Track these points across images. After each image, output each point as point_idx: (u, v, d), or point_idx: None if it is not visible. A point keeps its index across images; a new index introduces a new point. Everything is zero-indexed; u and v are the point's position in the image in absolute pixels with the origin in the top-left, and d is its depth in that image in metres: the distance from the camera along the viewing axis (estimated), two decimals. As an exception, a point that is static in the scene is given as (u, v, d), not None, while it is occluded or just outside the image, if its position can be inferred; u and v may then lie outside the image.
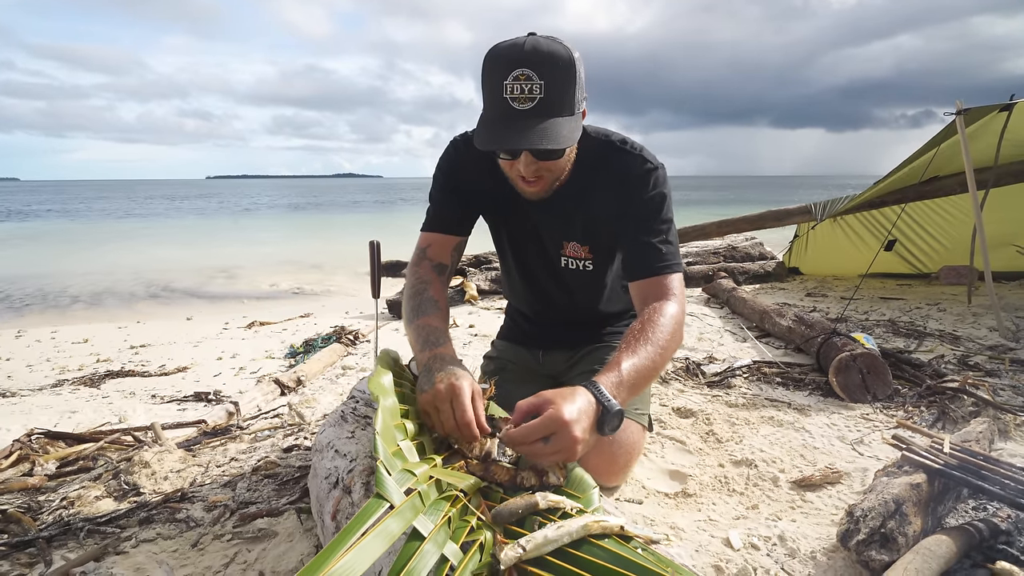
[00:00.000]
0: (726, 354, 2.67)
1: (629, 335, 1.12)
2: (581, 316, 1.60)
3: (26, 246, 12.19)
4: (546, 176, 1.20)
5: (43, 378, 2.81)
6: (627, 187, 1.28)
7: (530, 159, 1.14)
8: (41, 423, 2.03)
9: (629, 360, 1.04)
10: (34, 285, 6.73)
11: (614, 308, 1.62)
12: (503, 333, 1.81)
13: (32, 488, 1.40)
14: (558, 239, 1.44)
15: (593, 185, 1.32)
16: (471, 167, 1.35)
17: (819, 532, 1.24)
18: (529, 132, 1.06)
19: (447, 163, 1.39)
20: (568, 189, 1.31)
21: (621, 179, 1.28)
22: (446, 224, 1.38)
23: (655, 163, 1.28)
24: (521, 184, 1.22)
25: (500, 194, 1.35)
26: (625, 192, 1.28)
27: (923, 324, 3.12)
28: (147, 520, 1.30)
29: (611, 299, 1.58)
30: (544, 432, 0.87)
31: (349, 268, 7.92)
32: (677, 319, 1.16)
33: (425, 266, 1.34)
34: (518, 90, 1.05)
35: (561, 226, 1.41)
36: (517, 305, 1.75)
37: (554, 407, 0.88)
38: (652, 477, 1.54)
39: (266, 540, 1.25)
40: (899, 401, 1.96)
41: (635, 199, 1.27)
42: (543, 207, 1.35)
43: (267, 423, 2.00)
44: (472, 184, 1.37)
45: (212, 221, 20.45)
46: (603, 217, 1.33)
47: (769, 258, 5.49)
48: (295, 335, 3.60)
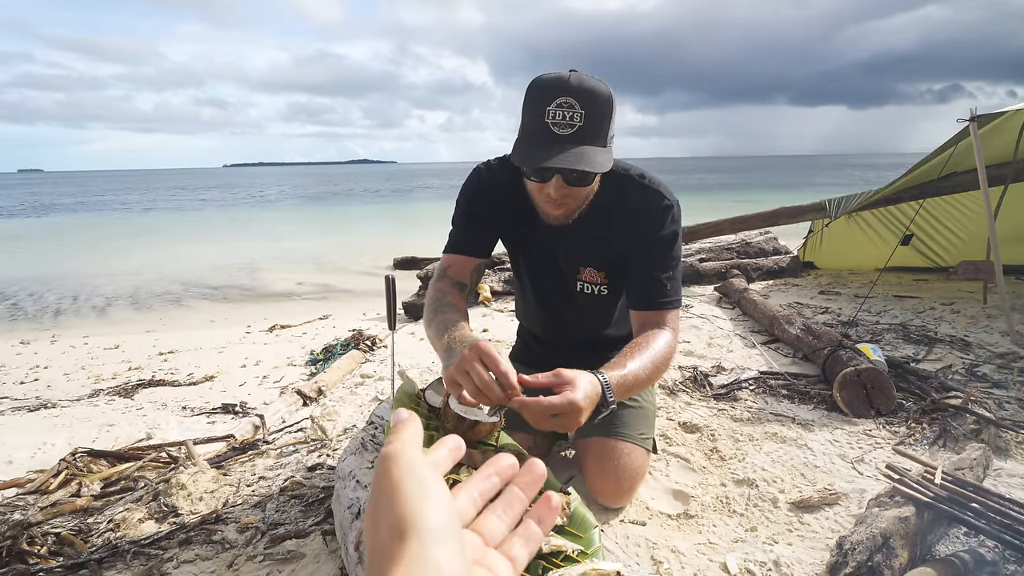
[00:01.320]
0: (734, 362, 2.71)
1: (633, 346, 1.24)
2: (591, 338, 1.68)
3: (57, 243, 12.56)
4: (571, 202, 1.28)
5: (79, 387, 2.96)
6: (644, 221, 1.36)
7: (560, 183, 1.22)
8: (82, 437, 2.17)
9: (633, 364, 1.16)
10: (66, 286, 6.98)
11: (621, 332, 1.68)
12: (515, 355, 1.89)
13: (80, 510, 1.53)
14: (575, 265, 1.52)
15: (611, 215, 1.39)
16: (494, 193, 1.44)
17: (813, 557, 1.30)
18: (566, 155, 1.15)
19: (471, 189, 1.47)
20: (588, 217, 1.39)
21: (639, 212, 1.37)
22: (467, 247, 1.47)
23: (672, 200, 1.38)
24: (546, 207, 1.30)
25: (521, 219, 1.44)
26: (642, 225, 1.37)
27: (935, 328, 3.12)
28: (186, 542, 1.41)
29: (619, 322, 1.67)
30: (557, 411, 0.95)
31: (366, 265, 8.05)
32: (671, 347, 1.29)
33: (446, 282, 1.42)
34: (560, 116, 1.15)
35: (579, 252, 1.49)
36: (530, 326, 1.82)
37: (571, 391, 0.96)
38: (656, 497, 1.62)
39: (294, 561, 1.35)
40: (902, 416, 2.00)
41: (650, 233, 1.36)
42: (563, 233, 1.42)
43: (291, 437, 2.12)
44: (494, 209, 1.45)
45: (232, 212, 20.82)
46: (619, 246, 1.41)
47: (783, 253, 5.47)
48: (315, 339, 3.72)
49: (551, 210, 1.29)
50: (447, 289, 1.38)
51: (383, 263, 7.72)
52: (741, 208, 5.15)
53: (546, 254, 1.52)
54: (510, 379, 0.96)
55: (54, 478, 1.68)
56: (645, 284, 1.37)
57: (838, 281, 4.65)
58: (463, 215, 1.48)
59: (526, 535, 0.43)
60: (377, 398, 2.51)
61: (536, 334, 1.80)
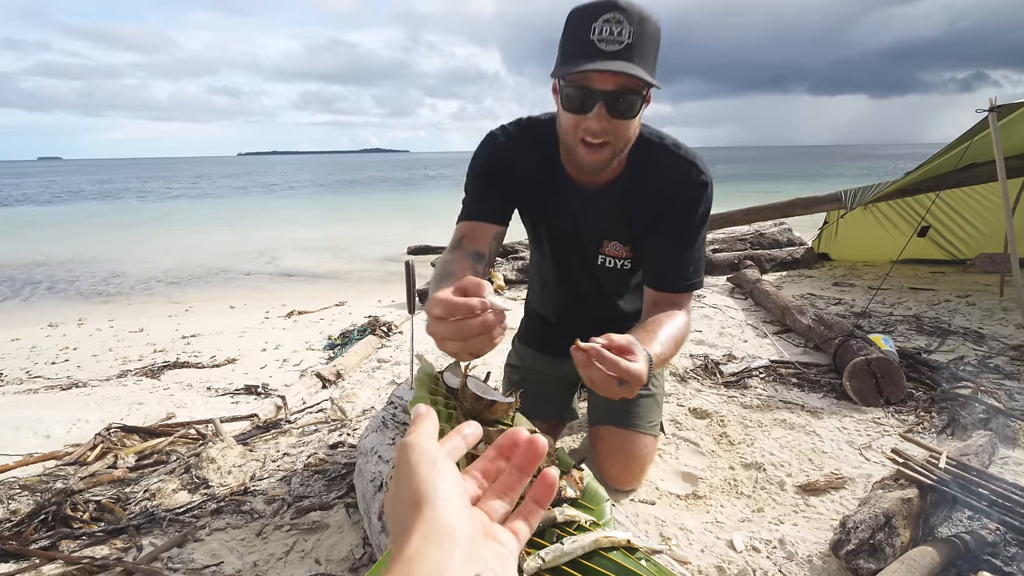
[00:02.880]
0: (745, 351, 2.74)
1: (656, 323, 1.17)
2: (606, 314, 1.61)
3: (81, 229, 12.83)
4: (611, 143, 1.16)
5: (108, 368, 3.07)
6: (678, 195, 1.28)
7: (603, 113, 1.11)
8: (113, 414, 2.26)
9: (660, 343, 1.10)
10: (94, 270, 7.17)
11: (632, 307, 1.63)
12: (523, 336, 1.85)
13: (117, 480, 1.61)
14: (599, 237, 1.43)
15: (643, 184, 1.31)
16: (513, 157, 1.34)
17: (818, 537, 1.35)
18: (614, 64, 1.05)
19: (487, 153, 1.36)
20: (617, 184, 1.31)
21: (673, 185, 1.29)
22: (484, 212, 1.33)
23: (708, 176, 1.30)
24: (581, 151, 1.17)
25: (543, 186, 1.35)
26: (675, 200, 1.29)
27: (949, 320, 3.12)
28: (217, 511, 1.49)
29: (631, 297, 1.62)
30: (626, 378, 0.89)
31: (381, 253, 8.14)
32: (688, 330, 1.26)
33: (458, 254, 1.25)
34: (607, 32, 1.05)
35: (604, 223, 1.40)
36: (541, 306, 1.76)
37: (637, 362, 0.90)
38: (666, 479, 1.67)
39: (319, 531, 1.43)
40: (912, 406, 2.03)
41: (682, 209, 1.28)
42: (589, 200, 1.34)
43: (312, 418, 2.19)
44: (513, 174, 1.34)
45: (248, 200, 21.14)
46: (647, 219, 1.33)
47: (798, 244, 5.45)
48: (332, 325, 3.80)
49: (586, 154, 1.17)
50: (455, 260, 1.22)
51: (398, 251, 7.80)
52: (756, 199, 5.13)
53: (568, 226, 1.42)
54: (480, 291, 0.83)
55: (91, 451, 1.77)
56: (668, 264, 1.30)
57: (853, 273, 4.63)
58: (479, 180, 1.35)
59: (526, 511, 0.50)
60: (394, 381, 2.58)
61: (547, 315, 1.74)
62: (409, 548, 0.37)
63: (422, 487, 0.40)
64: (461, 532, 0.39)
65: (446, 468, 0.43)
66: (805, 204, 4.66)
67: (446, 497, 0.40)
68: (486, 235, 1.31)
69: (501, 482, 0.50)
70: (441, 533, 0.38)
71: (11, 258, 8.21)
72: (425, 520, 0.39)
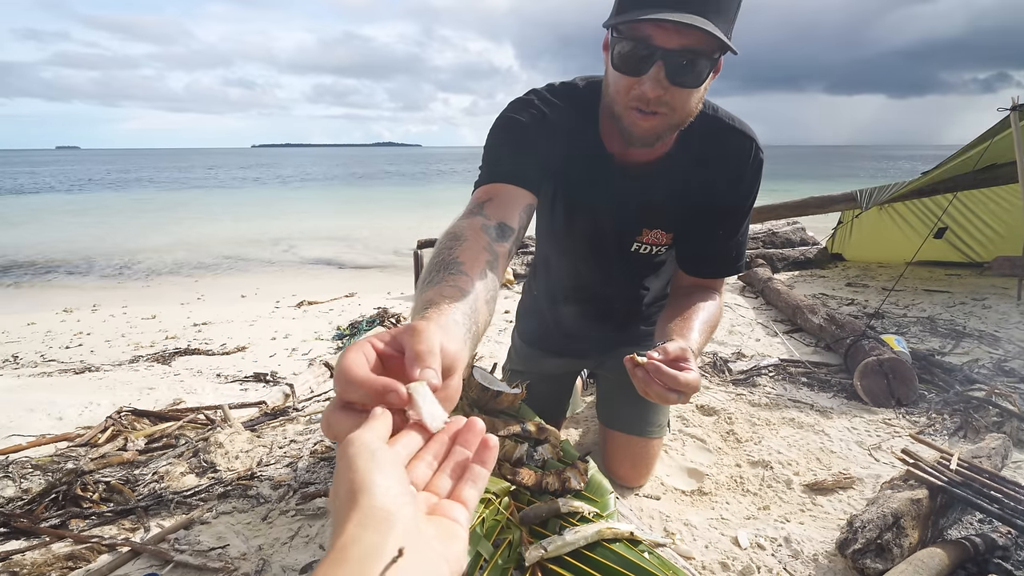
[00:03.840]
0: (755, 350, 2.72)
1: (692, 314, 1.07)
2: (626, 304, 1.47)
3: (102, 216, 13.03)
4: (666, 113, 0.97)
5: (120, 353, 3.11)
6: (736, 177, 1.14)
7: (662, 76, 0.91)
8: (124, 398, 2.29)
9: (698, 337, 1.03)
10: (110, 258, 7.27)
11: (656, 292, 1.50)
12: (528, 338, 1.66)
13: (127, 462, 1.63)
14: (638, 224, 1.24)
15: (697, 165, 1.14)
16: (554, 123, 1.09)
17: (824, 536, 1.33)
18: (683, 16, 0.85)
19: (526, 112, 1.09)
20: (666, 163, 1.13)
21: (732, 167, 1.13)
22: (517, 174, 1.04)
23: (764, 153, 1.15)
24: (634, 116, 0.98)
25: (578, 163, 1.15)
26: (732, 182, 1.14)
27: (964, 322, 3.07)
28: (224, 495, 1.50)
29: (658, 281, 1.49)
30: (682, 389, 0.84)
31: (391, 246, 8.17)
32: (721, 313, 1.18)
33: (474, 225, 0.93)
34: None
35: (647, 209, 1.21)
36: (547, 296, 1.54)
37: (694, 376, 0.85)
38: (671, 474, 1.66)
39: (324, 518, 1.43)
40: (924, 407, 2.00)
41: (741, 193, 1.15)
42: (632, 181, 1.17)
43: (320, 406, 2.21)
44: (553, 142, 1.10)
45: (263, 192, 21.38)
46: (697, 200, 1.16)
47: (811, 244, 5.39)
48: (341, 316, 3.82)
49: (637, 119, 0.97)
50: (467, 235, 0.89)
51: (408, 244, 7.83)
52: (769, 198, 5.07)
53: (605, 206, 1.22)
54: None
55: (102, 433, 1.80)
56: (715, 250, 1.19)
57: (866, 273, 4.57)
58: (513, 141, 1.08)
59: (472, 477, 0.50)
60: (401, 372, 2.59)
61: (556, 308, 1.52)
62: (344, 536, 0.37)
63: (358, 478, 0.41)
64: (400, 515, 0.39)
65: (385, 458, 0.43)
66: (819, 203, 4.60)
67: (383, 484, 0.40)
68: (516, 202, 1.01)
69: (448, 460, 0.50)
70: (378, 518, 0.38)
71: (29, 244, 8.34)
72: (361, 508, 0.39)
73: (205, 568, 1.22)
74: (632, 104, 0.97)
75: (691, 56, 0.90)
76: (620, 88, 0.97)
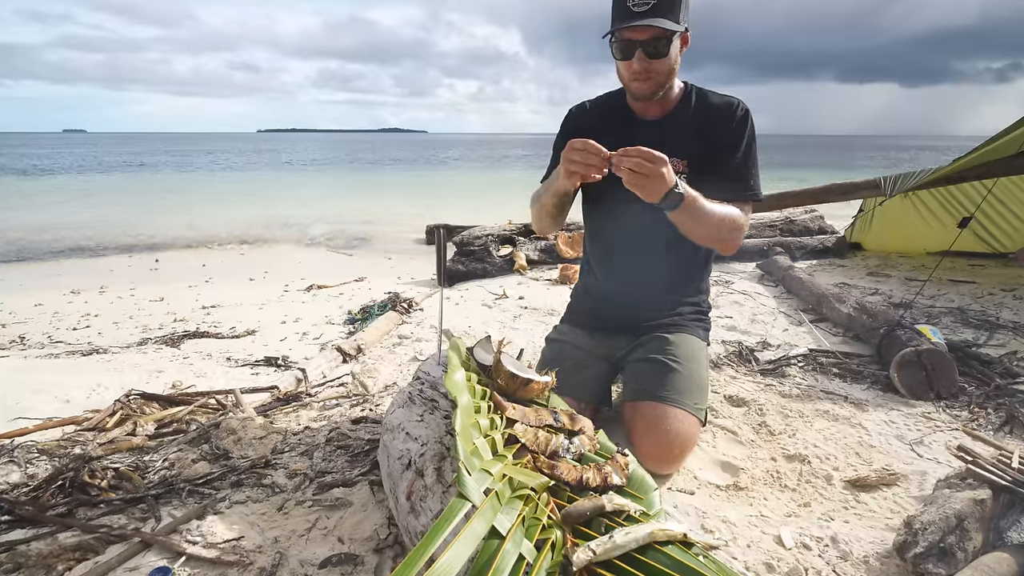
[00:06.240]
0: (780, 339, 2.63)
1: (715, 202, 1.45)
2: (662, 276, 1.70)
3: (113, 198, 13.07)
4: (653, 77, 1.48)
5: (128, 336, 3.05)
6: (726, 116, 1.57)
7: (642, 56, 1.43)
8: (133, 381, 2.23)
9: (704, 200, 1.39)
10: (118, 239, 7.24)
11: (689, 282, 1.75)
12: (567, 317, 1.89)
13: (136, 448, 1.57)
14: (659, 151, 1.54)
15: (696, 111, 1.59)
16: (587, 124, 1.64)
17: (873, 536, 1.25)
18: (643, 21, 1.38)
19: (566, 123, 1.73)
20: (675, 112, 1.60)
21: (721, 111, 1.58)
22: None
23: (747, 107, 1.59)
24: (633, 84, 1.51)
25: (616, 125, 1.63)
26: (724, 119, 1.57)
27: (996, 313, 2.97)
28: (238, 484, 1.44)
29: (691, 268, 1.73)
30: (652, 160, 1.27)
31: (402, 230, 8.09)
32: (740, 222, 1.50)
33: None
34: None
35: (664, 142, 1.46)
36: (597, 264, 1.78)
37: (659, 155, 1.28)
38: (704, 468, 1.58)
39: (342, 508, 1.37)
40: (964, 401, 1.91)
41: (735, 129, 1.56)
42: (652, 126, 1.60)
43: (333, 392, 2.14)
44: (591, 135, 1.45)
45: (271, 175, 21.47)
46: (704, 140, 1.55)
47: (829, 232, 5.26)
48: (351, 300, 3.75)
49: (638, 86, 1.50)
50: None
51: (418, 230, 7.74)
52: (783, 187, 4.93)
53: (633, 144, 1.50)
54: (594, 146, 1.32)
55: (110, 417, 1.74)
56: (728, 176, 1.54)
57: (887, 264, 4.45)
58: (558, 147, 1.62)
59: None
60: (416, 358, 2.52)
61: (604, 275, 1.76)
62: None
63: None
64: None
65: None
66: (842, 190, 4.46)
67: None
68: None
69: None
70: None
71: (36, 225, 8.31)
72: None
73: (219, 561, 1.15)
74: (631, 76, 1.51)
75: (655, 41, 1.43)
76: (621, 69, 1.53)
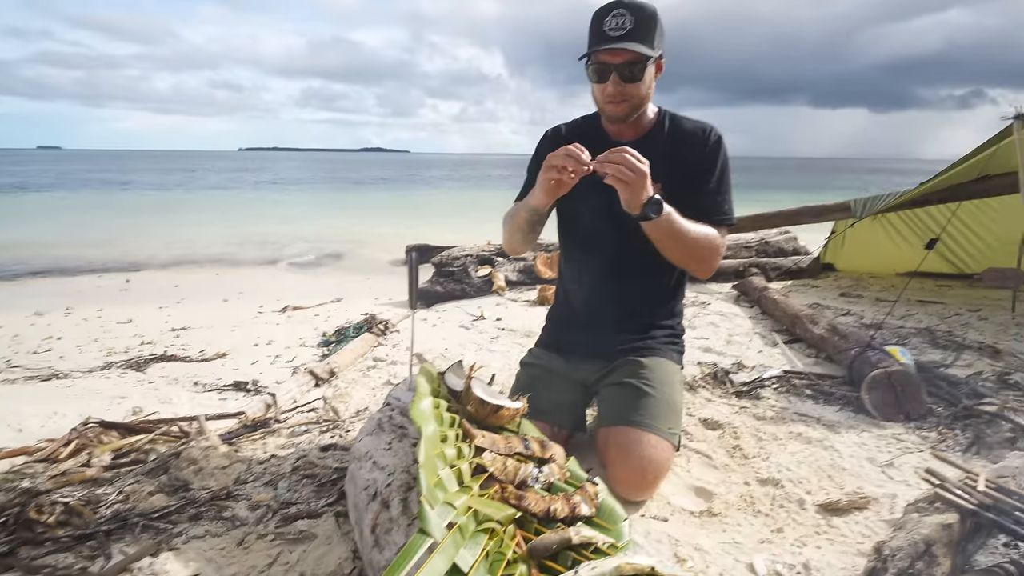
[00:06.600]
0: (755, 360, 2.65)
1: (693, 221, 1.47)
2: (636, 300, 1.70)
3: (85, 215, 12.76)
4: (628, 99, 1.49)
5: (92, 359, 2.95)
6: (699, 142, 1.59)
7: (617, 79, 1.45)
8: (93, 408, 2.14)
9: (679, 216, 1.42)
10: (86, 258, 7.04)
11: (663, 306, 1.76)
12: (542, 340, 1.88)
13: (90, 480, 1.50)
14: None
15: (669, 136, 1.61)
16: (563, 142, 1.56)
17: (844, 562, 1.25)
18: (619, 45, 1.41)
19: (540, 146, 1.72)
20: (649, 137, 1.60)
21: (694, 137, 1.59)
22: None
23: (720, 133, 1.61)
24: (608, 107, 1.52)
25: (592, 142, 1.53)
26: (697, 145, 1.59)
27: (962, 334, 3.03)
28: (196, 517, 1.38)
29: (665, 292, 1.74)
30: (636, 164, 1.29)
31: (380, 251, 8.04)
32: (717, 242, 1.53)
33: None
34: (614, 24, 1.42)
35: None
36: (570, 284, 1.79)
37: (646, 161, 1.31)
38: (677, 493, 1.56)
39: (306, 542, 1.32)
40: (933, 422, 1.93)
41: (707, 155, 1.58)
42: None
43: (303, 417, 2.08)
44: None
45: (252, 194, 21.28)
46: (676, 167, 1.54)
47: (803, 253, 5.37)
48: (327, 322, 3.69)
49: (612, 108, 1.52)
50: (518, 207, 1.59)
51: (397, 250, 7.69)
52: (758, 208, 5.03)
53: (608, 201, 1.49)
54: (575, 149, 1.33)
55: (64, 447, 1.66)
56: (702, 201, 1.55)
57: (859, 284, 4.55)
58: (532, 169, 1.65)
59: None
60: (390, 381, 2.47)
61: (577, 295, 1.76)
62: None
63: None
64: None
65: None
66: (814, 212, 4.58)
67: None
68: None
69: None
70: None
71: (1, 243, 8.08)
72: None
73: (171, 602, 1.10)
74: (605, 99, 1.52)
75: (630, 65, 1.44)
76: (597, 92, 1.53)
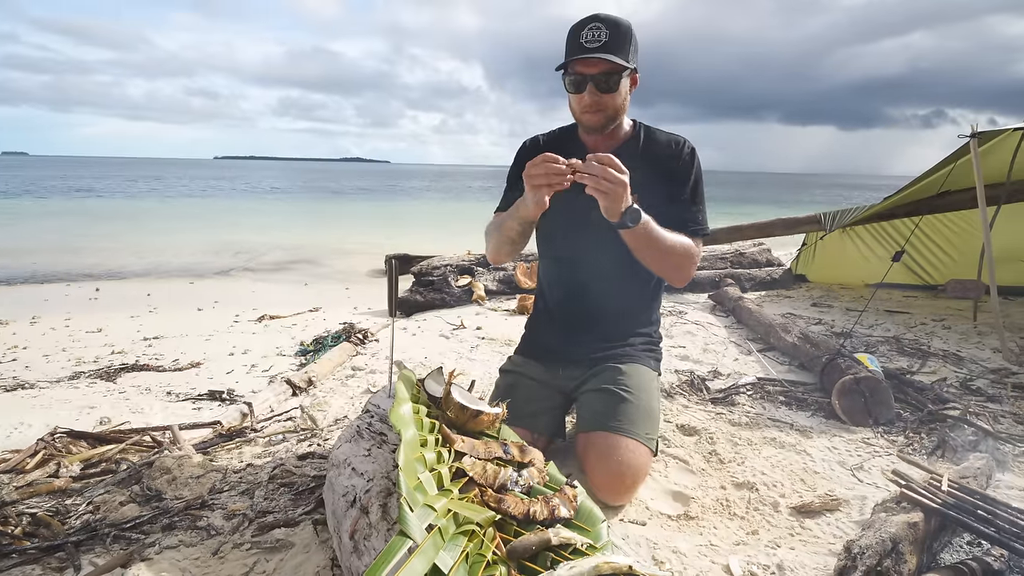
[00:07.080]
0: (731, 368, 2.70)
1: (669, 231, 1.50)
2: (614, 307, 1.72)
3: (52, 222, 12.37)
4: (603, 110, 1.52)
5: (60, 369, 2.87)
6: (674, 155, 1.62)
7: (593, 89, 1.48)
8: (61, 418, 2.09)
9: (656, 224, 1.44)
10: (56, 264, 6.83)
11: (640, 313, 1.77)
12: (521, 348, 1.88)
13: (58, 490, 1.46)
14: None
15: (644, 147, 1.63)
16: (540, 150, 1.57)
17: (816, 562, 1.28)
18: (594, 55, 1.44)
19: (519, 156, 1.73)
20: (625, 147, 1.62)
21: (669, 148, 1.63)
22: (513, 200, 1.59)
23: (693, 145, 1.65)
24: (584, 116, 1.55)
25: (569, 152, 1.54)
26: (671, 158, 1.62)
27: (927, 342, 3.14)
28: (170, 527, 1.35)
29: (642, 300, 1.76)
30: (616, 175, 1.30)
31: (359, 260, 7.98)
32: (693, 251, 1.55)
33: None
34: (590, 36, 1.45)
35: None
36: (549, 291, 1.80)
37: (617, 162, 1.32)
38: (655, 498, 1.59)
39: (283, 550, 1.30)
40: (900, 427, 1.99)
41: (681, 167, 1.61)
42: None
43: (280, 426, 2.06)
44: None
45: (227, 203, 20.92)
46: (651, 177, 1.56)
47: (776, 264, 5.50)
48: (305, 331, 3.66)
49: (588, 118, 1.54)
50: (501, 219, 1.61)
51: (376, 259, 7.65)
52: (733, 221, 5.16)
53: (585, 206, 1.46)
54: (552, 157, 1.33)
55: (31, 458, 1.61)
56: (676, 211, 1.56)
57: (829, 295, 4.67)
58: (512, 179, 1.68)
59: None
60: (369, 390, 2.46)
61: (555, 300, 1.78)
62: None
63: None
64: None
65: None
66: (786, 225, 4.71)
67: None
68: None
69: None
70: None
71: (-36, 252, 7.80)
72: None
73: (143, 613, 1.07)
74: (582, 109, 1.55)
75: (606, 75, 1.48)
76: (574, 102, 1.56)
